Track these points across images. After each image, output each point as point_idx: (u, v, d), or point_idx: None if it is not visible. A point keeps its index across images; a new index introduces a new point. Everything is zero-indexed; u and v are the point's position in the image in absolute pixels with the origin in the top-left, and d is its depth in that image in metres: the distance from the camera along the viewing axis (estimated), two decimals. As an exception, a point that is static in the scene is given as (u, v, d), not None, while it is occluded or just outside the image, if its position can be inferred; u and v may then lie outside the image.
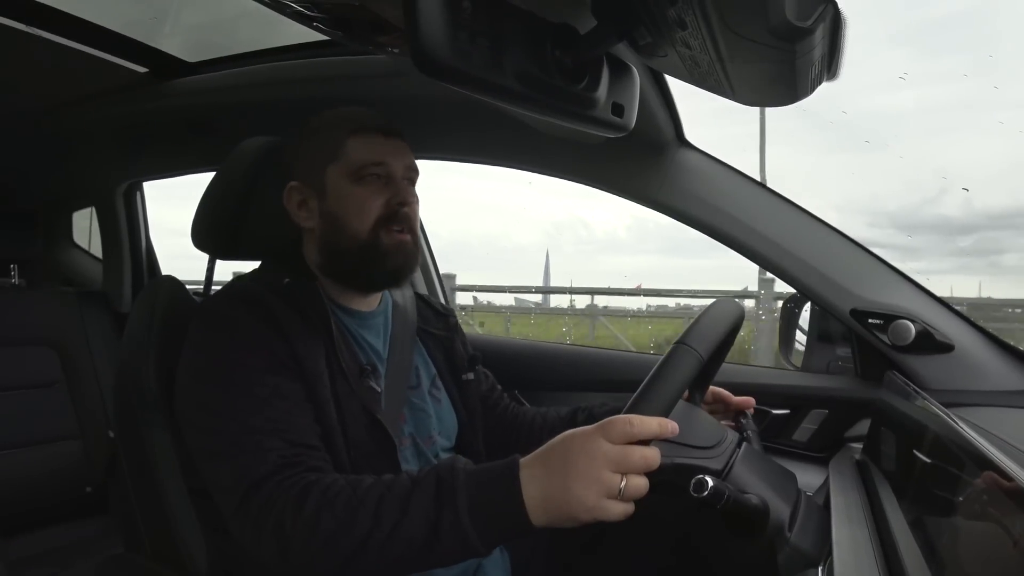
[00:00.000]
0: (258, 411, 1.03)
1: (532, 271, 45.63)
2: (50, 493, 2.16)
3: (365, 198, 1.20)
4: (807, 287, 1.47)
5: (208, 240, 1.39)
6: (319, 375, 1.11)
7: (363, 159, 1.20)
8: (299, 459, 1.00)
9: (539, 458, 0.87)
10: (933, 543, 0.77)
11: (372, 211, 1.20)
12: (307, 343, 1.12)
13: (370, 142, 1.21)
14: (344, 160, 1.21)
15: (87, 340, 2.31)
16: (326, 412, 1.10)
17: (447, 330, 1.44)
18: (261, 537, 0.95)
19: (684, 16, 0.65)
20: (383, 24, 0.99)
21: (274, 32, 1.69)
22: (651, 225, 68.78)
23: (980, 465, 0.70)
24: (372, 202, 1.20)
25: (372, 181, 1.21)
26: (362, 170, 1.20)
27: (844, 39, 0.70)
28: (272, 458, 0.99)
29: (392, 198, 1.21)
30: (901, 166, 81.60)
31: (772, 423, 1.62)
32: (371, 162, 1.20)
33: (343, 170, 1.21)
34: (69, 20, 1.60)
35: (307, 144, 1.25)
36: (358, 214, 1.20)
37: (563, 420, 1.42)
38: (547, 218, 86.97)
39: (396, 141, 1.24)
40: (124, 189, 2.48)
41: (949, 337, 1.38)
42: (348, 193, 1.20)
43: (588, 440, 0.85)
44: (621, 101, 0.86)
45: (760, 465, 1.11)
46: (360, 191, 1.20)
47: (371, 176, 1.21)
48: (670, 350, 0.99)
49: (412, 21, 0.63)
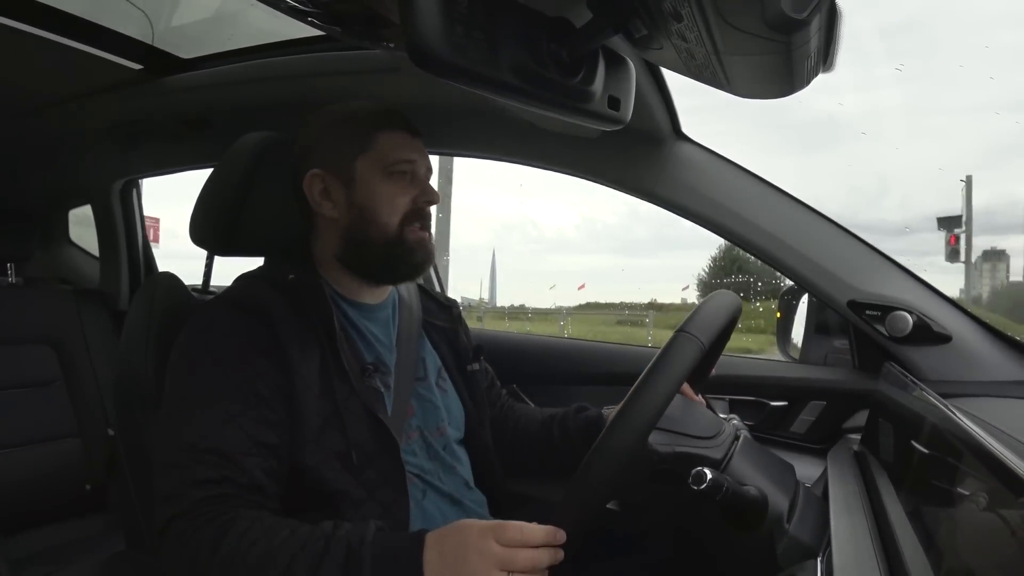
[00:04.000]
0: (211, 434, 1.03)
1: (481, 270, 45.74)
2: (50, 491, 2.15)
3: (395, 193, 1.21)
4: (804, 279, 1.48)
5: (206, 236, 1.39)
6: (310, 385, 1.11)
7: (395, 155, 1.22)
8: (230, 492, 1.00)
9: (439, 541, 0.92)
10: (931, 533, 0.77)
11: (401, 207, 1.21)
12: (304, 349, 1.12)
13: (400, 139, 1.23)
14: (375, 153, 1.21)
15: (85, 338, 2.30)
16: (310, 424, 1.10)
17: (451, 321, 1.45)
18: (176, 561, 0.97)
19: (680, 9, 0.65)
20: (379, 19, 0.99)
21: (269, 28, 1.68)
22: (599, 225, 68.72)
23: (978, 455, 0.70)
24: (401, 198, 1.21)
25: (401, 178, 1.22)
26: (393, 165, 1.21)
27: (840, 31, 0.70)
28: (206, 486, 0.99)
29: (420, 196, 1.23)
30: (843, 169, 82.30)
31: (770, 415, 1.63)
32: (403, 159, 1.22)
33: (376, 163, 1.21)
34: (63, 17, 1.60)
35: (334, 133, 1.25)
36: (388, 208, 1.21)
37: (541, 427, 1.44)
38: (496, 218, 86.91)
39: (419, 141, 1.26)
40: (120, 187, 2.47)
41: (946, 328, 1.38)
42: (380, 186, 1.21)
43: (481, 539, 0.90)
44: (617, 94, 0.86)
45: (758, 457, 1.11)
46: (391, 185, 1.21)
47: (400, 172, 1.22)
48: (671, 338, 0.99)
49: (408, 16, 0.63)
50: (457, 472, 1.29)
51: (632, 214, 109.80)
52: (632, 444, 0.92)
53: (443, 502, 1.24)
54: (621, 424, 0.93)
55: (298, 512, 1.02)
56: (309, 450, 1.09)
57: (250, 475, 1.02)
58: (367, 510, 1.11)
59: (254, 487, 1.02)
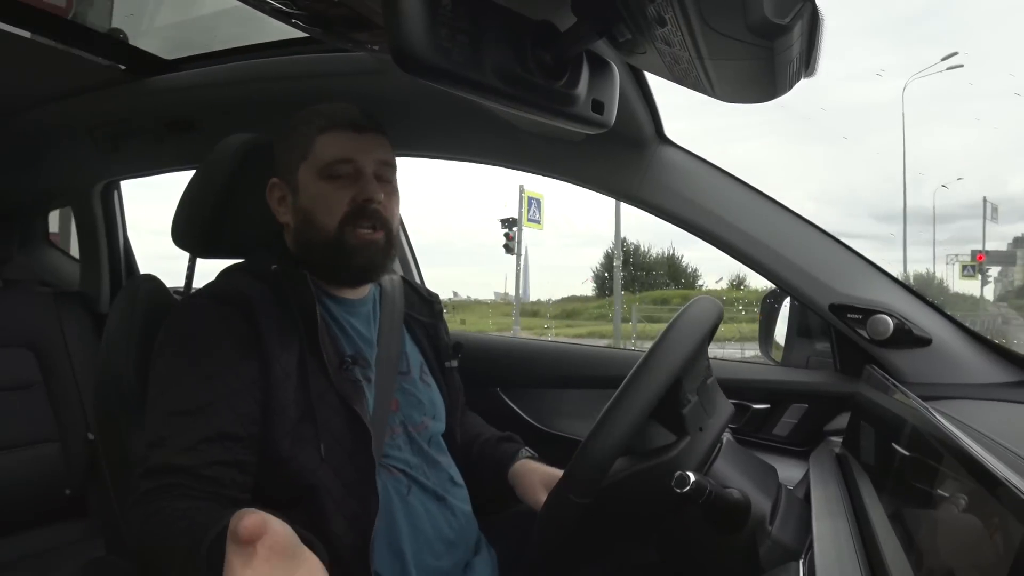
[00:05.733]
0: (169, 425, 1.05)
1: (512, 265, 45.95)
2: (29, 496, 2.13)
3: (331, 195, 1.21)
4: (786, 282, 1.48)
5: (189, 238, 1.39)
6: (287, 377, 1.12)
7: (330, 156, 1.21)
8: (177, 482, 1.00)
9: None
10: (912, 534, 0.78)
11: (338, 208, 1.21)
12: (282, 341, 1.14)
13: (339, 139, 1.22)
14: (313, 158, 1.22)
15: (65, 341, 2.28)
16: (287, 415, 1.11)
17: (432, 316, 1.46)
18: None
19: (663, 13, 0.66)
20: (363, 21, 0.99)
21: (253, 29, 1.68)
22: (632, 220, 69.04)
23: (958, 458, 0.71)
24: (338, 199, 1.21)
25: (340, 178, 1.22)
26: (329, 167, 1.21)
27: (821, 36, 0.71)
28: (155, 476, 1.01)
29: (358, 194, 1.21)
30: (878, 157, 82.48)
31: (752, 417, 1.64)
32: (338, 159, 1.21)
33: (312, 167, 1.22)
34: (44, 16, 1.58)
35: (284, 142, 1.27)
36: (326, 211, 1.21)
37: (469, 442, 1.45)
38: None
39: (369, 136, 1.24)
40: (101, 188, 2.45)
41: (927, 331, 1.39)
42: (317, 190, 1.22)
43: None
44: (601, 98, 0.86)
45: (741, 460, 1.12)
46: (327, 188, 1.21)
47: (339, 173, 1.21)
48: (635, 368, 1.00)
49: (392, 18, 0.63)
50: (442, 467, 1.30)
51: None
52: (608, 454, 0.94)
53: (427, 498, 1.24)
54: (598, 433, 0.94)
55: (276, 506, 1.00)
56: (285, 442, 1.10)
57: (205, 467, 1.02)
58: (346, 506, 1.12)
59: (208, 479, 1.02)
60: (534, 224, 17.47)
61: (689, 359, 1.01)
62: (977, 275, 23.20)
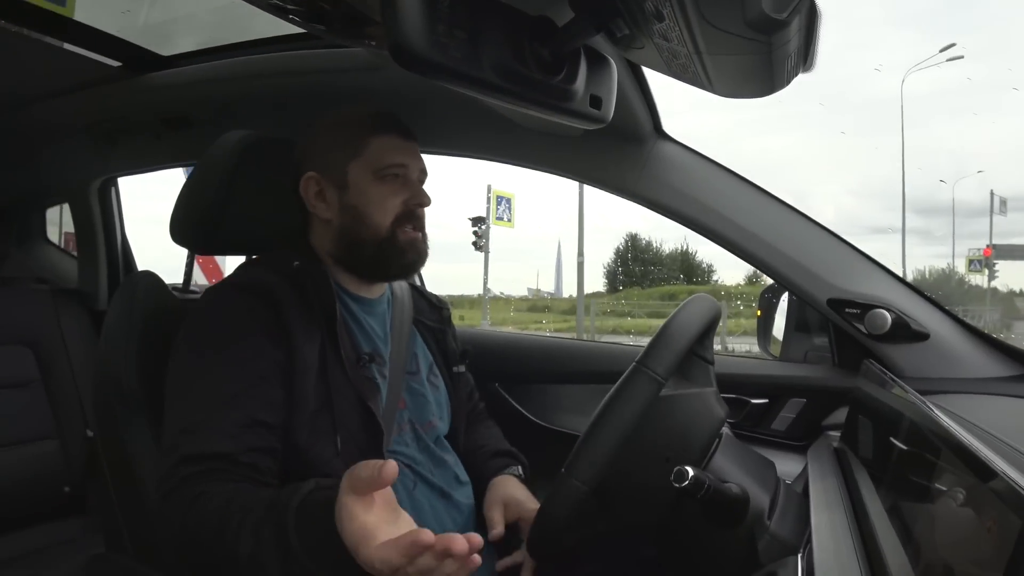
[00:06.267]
0: (205, 412, 1.06)
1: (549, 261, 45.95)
2: (28, 494, 2.13)
3: (386, 196, 1.25)
4: (784, 277, 1.49)
5: (186, 234, 1.39)
6: (309, 369, 1.14)
7: (386, 159, 1.25)
8: (218, 467, 1.02)
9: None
10: (910, 528, 0.78)
11: (392, 209, 1.25)
12: (306, 332, 1.16)
13: (392, 143, 1.26)
14: (367, 157, 1.25)
15: (63, 338, 2.27)
16: (306, 406, 1.13)
17: (440, 322, 1.48)
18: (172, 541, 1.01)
19: (661, 8, 0.66)
20: (361, 17, 0.99)
21: (250, 25, 1.67)
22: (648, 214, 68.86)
23: (956, 452, 0.71)
24: (392, 200, 1.26)
25: (392, 181, 1.26)
26: (385, 169, 1.25)
27: (819, 31, 0.71)
28: (195, 461, 1.02)
29: (411, 199, 1.27)
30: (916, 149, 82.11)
31: (751, 412, 1.64)
32: (393, 163, 1.26)
33: (367, 167, 1.25)
34: (40, 13, 1.58)
35: (327, 138, 1.29)
36: (379, 210, 1.25)
37: (472, 449, 1.43)
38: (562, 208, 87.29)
39: (413, 144, 1.29)
40: (98, 185, 2.44)
41: (925, 326, 1.40)
42: (370, 190, 1.25)
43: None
44: (599, 93, 0.86)
45: (739, 454, 1.12)
46: (382, 189, 1.25)
47: (392, 176, 1.26)
48: (625, 375, 1.02)
49: (390, 14, 0.63)
50: (448, 465, 1.32)
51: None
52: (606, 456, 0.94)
53: (433, 495, 1.26)
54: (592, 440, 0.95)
55: None
56: (303, 433, 1.12)
57: (242, 453, 1.04)
58: None
59: (246, 465, 1.04)
60: (503, 223, 18.44)
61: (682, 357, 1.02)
62: (984, 269, 23.25)
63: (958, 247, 30.50)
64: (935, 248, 37.09)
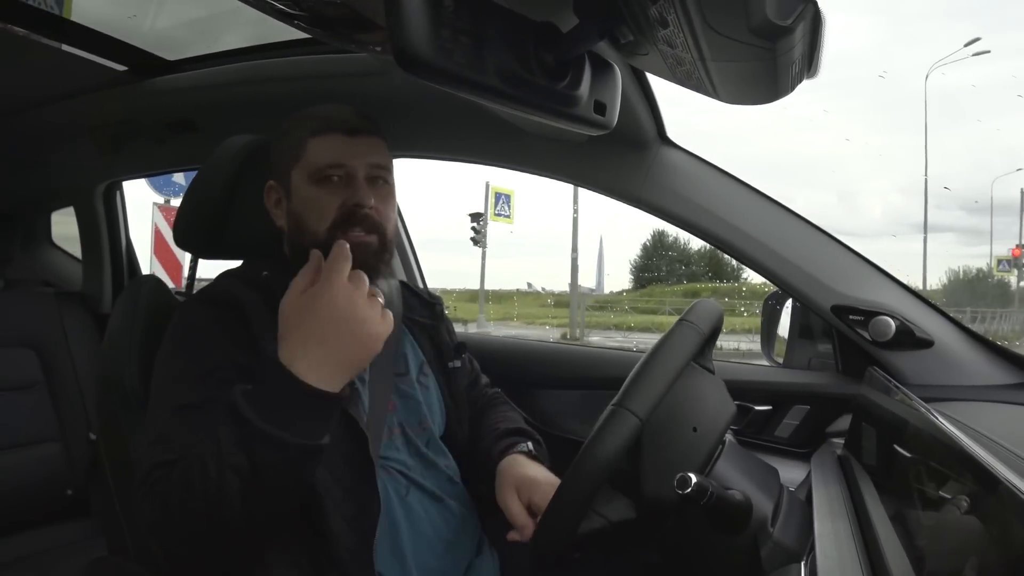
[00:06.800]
0: (171, 423, 1.05)
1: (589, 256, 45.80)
2: (31, 496, 2.13)
3: (322, 199, 1.20)
4: (788, 284, 1.48)
5: (191, 239, 1.39)
6: None
7: (321, 161, 1.21)
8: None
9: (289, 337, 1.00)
10: (914, 536, 0.78)
11: (328, 213, 1.20)
12: (275, 342, 1.09)
13: (330, 142, 1.22)
14: (304, 162, 1.22)
15: (67, 341, 2.28)
16: None
17: (433, 318, 1.44)
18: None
19: (666, 15, 0.66)
20: (365, 22, 0.99)
21: (255, 30, 1.68)
22: None
23: (960, 459, 0.71)
24: (328, 204, 1.20)
25: (331, 182, 1.21)
26: (320, 172, 1.21)
27: (823, 37, 0.71)
28: (162, 468, 1.00)
29: (348, 199, 1.20)
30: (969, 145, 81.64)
31: (754, 419, 1.63)
32: (328, 164, 1.21)
33: (304, 171, 1.22)
34: (47, 17, 1.59)
35: (278, 145, 1.28)
36: (316, 216, 1.21)
37: (483, 433, 1.40)
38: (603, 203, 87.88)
39: (361, 139, 1.23)
40: (103, 189, 2.46)
41: (929, 333, 1.39)
42: (307, 194, 1.22)
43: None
44: (603, 99, 0.86)
45: (743, 461, 1.11)
46: (318, 193, 1.21)
47: (330, 178, 1.21)
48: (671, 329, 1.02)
49: (394, 19, 0.63)
50: (439, 468, 1.29)
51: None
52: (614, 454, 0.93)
53: (426, 499, 1.24)
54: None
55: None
56: None
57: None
58: (345, 507, 1.12)
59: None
60: (503, 218, 18.76)
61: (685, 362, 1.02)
62: (1013, 270, 23.18)
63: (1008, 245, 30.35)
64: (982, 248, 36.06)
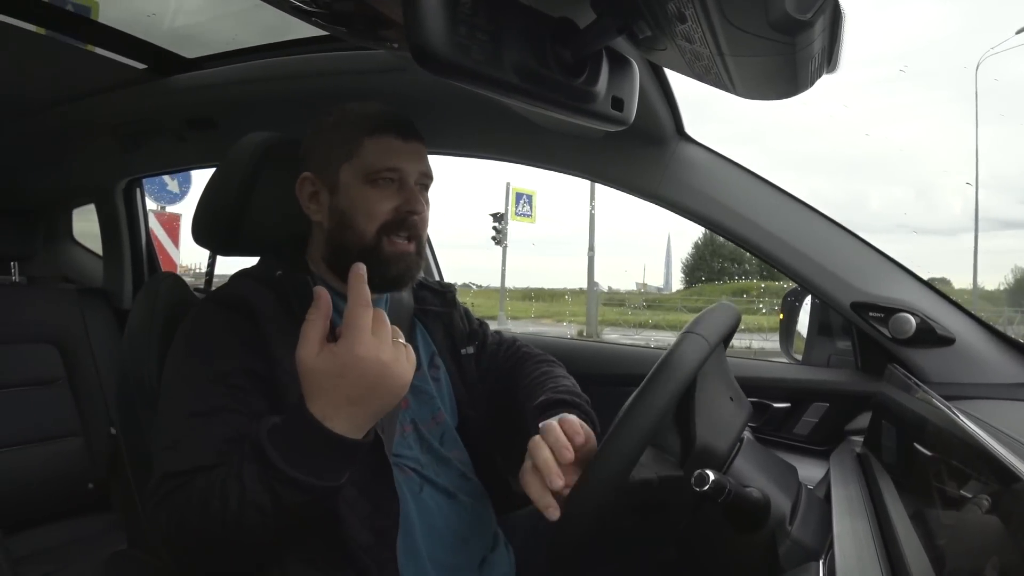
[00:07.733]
0: (183, 428, 1.05)
1: (657, 255, 45.76)
2: (52, 490, 2.16)
3: (375, 201, 1.20)
4: (808, 280, 1.47)
5: (209, 236, 1.40)
6: (293, 379, 1.05)
7: (378, 163, 1.20)
8: (187, 483, 1.01)
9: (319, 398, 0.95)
10: (933, 535, 0.77)
11: (380, 215, 1.19)
12: (288, 342, 1.08)
13: (387, 145, 1.21)
14: (359, 160, 1.20)
15: (88, 337, 2.31)
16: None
17: (445, 306, 1.44)
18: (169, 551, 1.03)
19: (684, 10, 0.65)
20: (383, 19, 0.99)
21: (273, 28, 1.69)
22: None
23: (981, 458, 0.70)
24: (381, 206, 1.20)
25: (384, 185, 1.20)
26: (376, 173, 1.20)
27: (843, 31, 0.70)
28: (176, 477, 1.01)
29: (402, 205, 1.20)
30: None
31: (773, 416, 1.63)
32: (386, 167, 1.20)
33: (357, 170, 1.20)
34: (67, 16, 1.60)
35: (324, 138, 1.25)
36: (366, 216, 1.19)
37: (520, 390, 1.34)
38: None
39: (413, 144, 1.23)
40: (124, 186, 2.48)
41: (950, 330, 1.38)
42: (359, 194, 1.20)
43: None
44: (621, 95, 0.85)
45: (761, 459, 1.11)
46: (371, 193, 1.20)
47: (384, 180, 1.20)
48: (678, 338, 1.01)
49: (411, 16, 0.63)
50: (452, 464, 1.29)
51: (812, 194, 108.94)
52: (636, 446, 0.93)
53: (439, 495, 1.24)
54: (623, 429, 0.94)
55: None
56: None
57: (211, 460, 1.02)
58: (359, 507, 1.12)
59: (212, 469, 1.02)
60: (524, 218, 18.78)
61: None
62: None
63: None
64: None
